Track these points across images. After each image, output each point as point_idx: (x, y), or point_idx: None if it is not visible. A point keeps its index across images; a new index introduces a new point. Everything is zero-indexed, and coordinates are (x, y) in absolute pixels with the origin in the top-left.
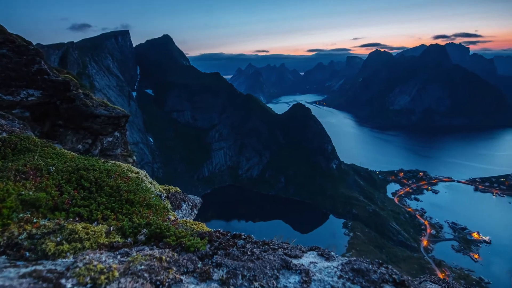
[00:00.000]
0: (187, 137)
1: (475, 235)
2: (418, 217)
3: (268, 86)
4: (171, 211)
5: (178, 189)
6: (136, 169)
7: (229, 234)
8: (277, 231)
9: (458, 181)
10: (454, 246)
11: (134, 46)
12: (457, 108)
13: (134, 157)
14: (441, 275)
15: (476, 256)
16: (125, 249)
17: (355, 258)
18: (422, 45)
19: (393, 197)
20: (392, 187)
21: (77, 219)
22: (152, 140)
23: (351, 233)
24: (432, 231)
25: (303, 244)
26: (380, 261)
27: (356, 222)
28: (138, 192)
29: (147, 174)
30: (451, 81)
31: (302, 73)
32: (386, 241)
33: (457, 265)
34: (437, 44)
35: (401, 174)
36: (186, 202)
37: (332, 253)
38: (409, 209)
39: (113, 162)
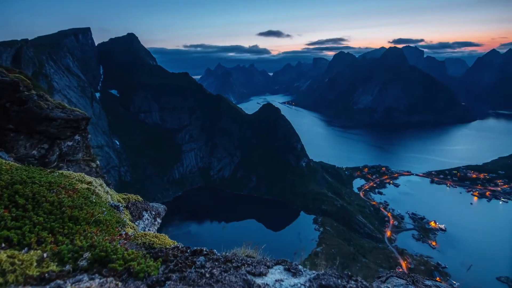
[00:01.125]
0: (156, 139)
1: (432, 224)
2: (382, 209)
3: (238, 87)
4: (129, 223)
5: (139, 197)
6: (89, 178)
7: (188, 251)
8: (250, 231)
9: (416, 174)
10: (414, 235)
11: (96, 45)
12: (414, 106)
13: (98, 162)
14: (403, 263)
15: (433, 243)
16: (58, 282)
17: (323, 272)
18: (382, 48)
19: (359, 192)
20: (357, 182)
21: (3, 245)
22: (118, 143)
23: (321, 228)
24: (394, 222)
25: (275, 244)
26: (350, 273)
27: (326, 217)
28: (85, 206)
29: (102, 183)
30: (408, 81)
31: (271, 74)
32: (354, 233)
33: (417, 252)
34: (395, 47)
35: (366, 170)
36: (149, 211)
37: (300, 267)
38: (374, 203)
39: (60, 172)
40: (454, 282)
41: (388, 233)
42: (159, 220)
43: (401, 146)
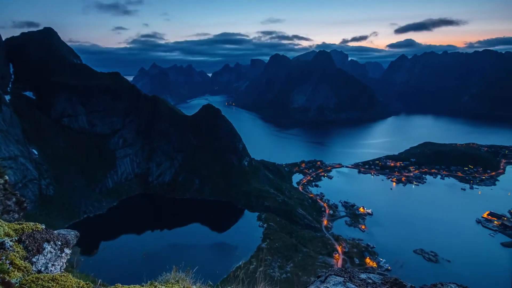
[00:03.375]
0: (84, 145)
1: (361, 209)
2: (319, 201)
3: (177, 87)
4: (19, 263)
5: (38, 225)
6: None
7: None
8: (194, 235)
9: (346, 166)
10: (347, 222)
11: (4, 40)
12: (341, 105)
13: (7, 177)
14: (339, 248)
15: (363, 227)
16: None
17: None
18: (313, 51)
19: (298, 186)
20: (296, 177)
21: None
22: (36, 153)
23: (265, 225)
24: (330, 211)
25: (220, 246)
26: None
27: (269, 213)
28: None
29: None
30: (336, 82)
31: (209, 74)
32: (295, 226)
33: (350, 237)
34: (324, 50)
35: (303, 165)
36: (52, 242)
37: None
38: (311, 195)
39: None
40: (381, 259)
41: (325, 222)
42: (67, 251)
43: (333, 141)
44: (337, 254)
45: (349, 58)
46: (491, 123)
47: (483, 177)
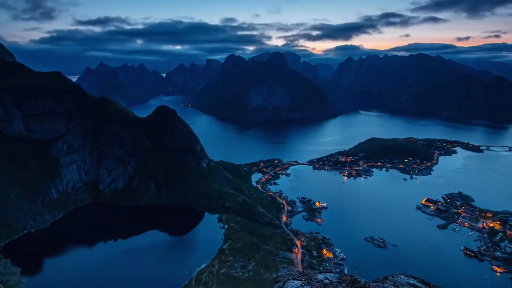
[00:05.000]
0: (20, 153)
1: (317, 204)
2: (278, 198)
3: (128, 88)
4: None
5: None
6: None
7: None
8: (151, 242)
9: (302, 163)
10: (304, 216)
11: None
12: (296, 105)
13: None
14: (298, 242)
15: (319, 220)
16: None
17: None
18: (267, 52)
19: (257, 185)
20: (256, 176)
21: None
22: None
23: (225, 226)
24: (288, 207)
25: (179, 251)
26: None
27: (229, 214)
28: None
29: None
30: (290, 83)
31: (163, 75)
32: (256, 224)
33: (308, 231)
34: (278, 52)
35: (262, 164)
36: None
37: None
38: (270, 193)
39: None
40: (337, 250)
41: (284, 218)
42: None
43: (289, 139)
44: (297, 249)
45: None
46: (425, 119)
47: (421, 168)
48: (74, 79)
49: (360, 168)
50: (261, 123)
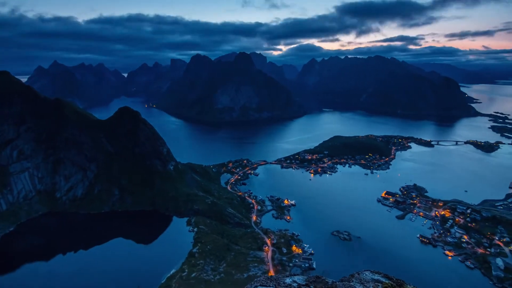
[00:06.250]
0: None
1: (285, 201)
2: (247, 198)
3: (87, 89)
4: None
5: None
6: None
7: None
8: (116, 251)
9: (270, 163)
10: (273, 215)
11: None
12: (263, 105)
13: None
14: (268, 241)
15: (288, 218)
16: None
17: None
18: (234, 52)
19: (226, 186)
20: (225, 177)
21: None
22: None
23: (195, 229)
24: (258, 207)
25: (146, 259)
26: None
27: (199, 216)
28: None
29: None
30: (257, 83)
31: (125, 75)
32: (226, 226)
33: (278, 228)
34: (244, 53)
35: (230, 165)
36: None
37: None
38: (240, 193)
39: None
40: (305, 245)
41: (254, 218)
42: None
43: (257, 139)
44: (267, 247)
45: (268, 60)
46: (382, 117)
47: (380, 163)
48: (24, 79)
49: (325, 165)
50: (229, 123)
